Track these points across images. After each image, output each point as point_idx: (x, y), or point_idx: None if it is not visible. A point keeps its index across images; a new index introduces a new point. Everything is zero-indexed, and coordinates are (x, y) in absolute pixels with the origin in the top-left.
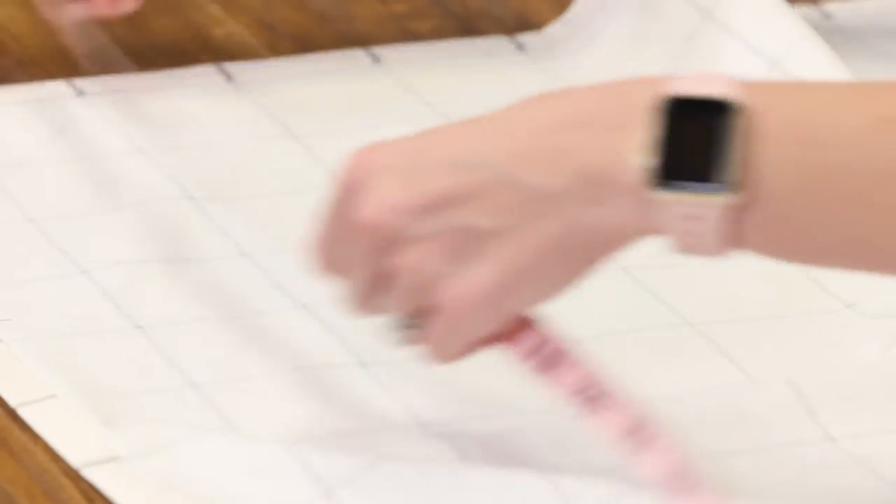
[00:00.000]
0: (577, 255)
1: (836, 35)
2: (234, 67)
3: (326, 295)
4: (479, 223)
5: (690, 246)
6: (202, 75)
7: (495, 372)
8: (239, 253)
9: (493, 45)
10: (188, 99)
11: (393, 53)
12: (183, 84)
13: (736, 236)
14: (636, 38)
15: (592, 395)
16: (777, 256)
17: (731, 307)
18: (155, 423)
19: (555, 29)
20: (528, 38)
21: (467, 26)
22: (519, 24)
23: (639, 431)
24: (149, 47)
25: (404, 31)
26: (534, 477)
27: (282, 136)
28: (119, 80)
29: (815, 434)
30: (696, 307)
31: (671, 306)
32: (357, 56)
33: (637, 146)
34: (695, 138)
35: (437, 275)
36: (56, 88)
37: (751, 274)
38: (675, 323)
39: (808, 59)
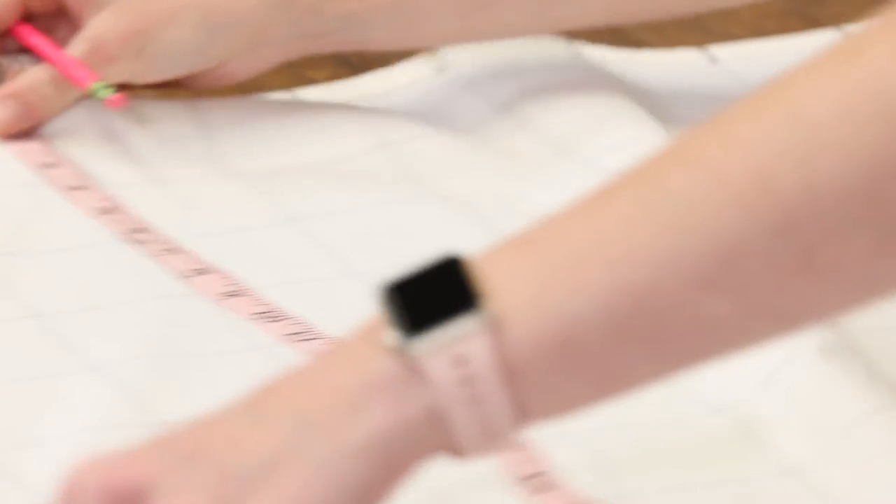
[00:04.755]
0: (361, 477)
1: (725, 78)
2: None
3: (120, 355)
4: (239, 465)
5: (480, 413)
6: None
7: None
8: (30, 314)
9: None
10: None
11: None
12: None
13: (514, 377)
14: None
15: None
16: (566, 402)
17: None
18: None
19: None
20: None
21: (361, 73)
22: None
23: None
24: None
25: (299, 79)
26: None
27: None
28: None
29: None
30: None
31: None
32: None
33: (379, 339)
34: (431, 298)
35: None
36: None
37: None
38: None
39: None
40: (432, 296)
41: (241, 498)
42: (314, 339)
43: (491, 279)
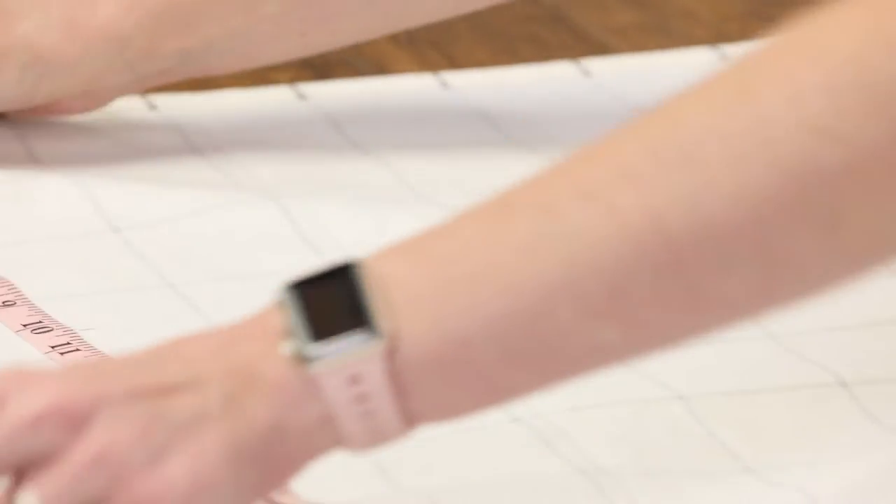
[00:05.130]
0: (264, 461)
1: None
2: None
3: None
4: (169, 415)
5: (371, 425)
6: None
7: None
8: None
9: None
10: None
11: None
12: None
13: (404, 391)
14: None
15: None
16: (454, 411)
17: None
18: None
19: None
20: None
21: (324, 76)
22: (376, 73)
23: None
24: None
25: (261, 80)
26: None
27: None
28: None
29: None
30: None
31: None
32: None
33: (279, 341)
34: (330, 309)
35: (126, 464)
36: None
37: None
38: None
39: None
40: (331, 307)
41: (165, 445)
42: (75, 350)
43: (389, 291)
